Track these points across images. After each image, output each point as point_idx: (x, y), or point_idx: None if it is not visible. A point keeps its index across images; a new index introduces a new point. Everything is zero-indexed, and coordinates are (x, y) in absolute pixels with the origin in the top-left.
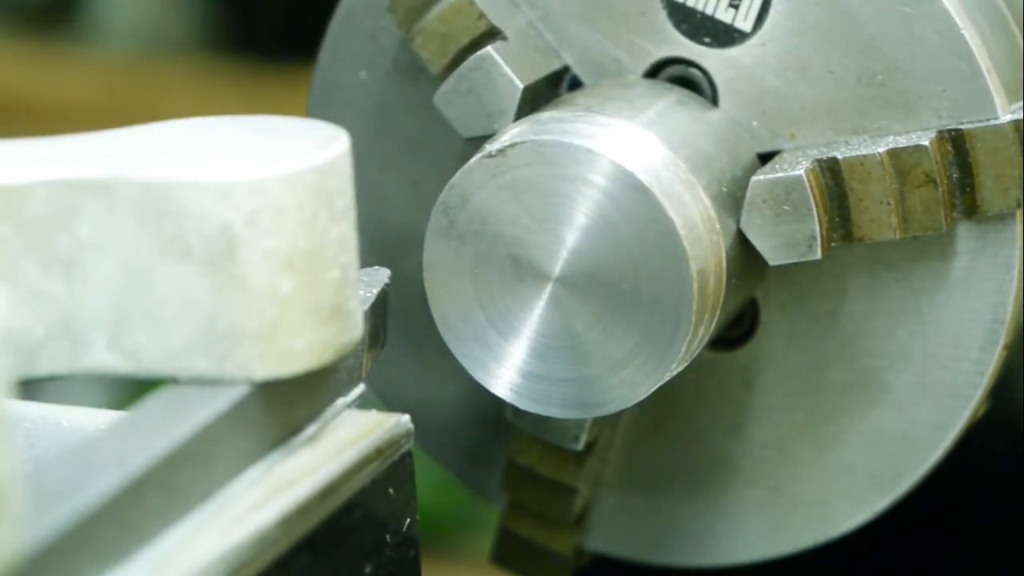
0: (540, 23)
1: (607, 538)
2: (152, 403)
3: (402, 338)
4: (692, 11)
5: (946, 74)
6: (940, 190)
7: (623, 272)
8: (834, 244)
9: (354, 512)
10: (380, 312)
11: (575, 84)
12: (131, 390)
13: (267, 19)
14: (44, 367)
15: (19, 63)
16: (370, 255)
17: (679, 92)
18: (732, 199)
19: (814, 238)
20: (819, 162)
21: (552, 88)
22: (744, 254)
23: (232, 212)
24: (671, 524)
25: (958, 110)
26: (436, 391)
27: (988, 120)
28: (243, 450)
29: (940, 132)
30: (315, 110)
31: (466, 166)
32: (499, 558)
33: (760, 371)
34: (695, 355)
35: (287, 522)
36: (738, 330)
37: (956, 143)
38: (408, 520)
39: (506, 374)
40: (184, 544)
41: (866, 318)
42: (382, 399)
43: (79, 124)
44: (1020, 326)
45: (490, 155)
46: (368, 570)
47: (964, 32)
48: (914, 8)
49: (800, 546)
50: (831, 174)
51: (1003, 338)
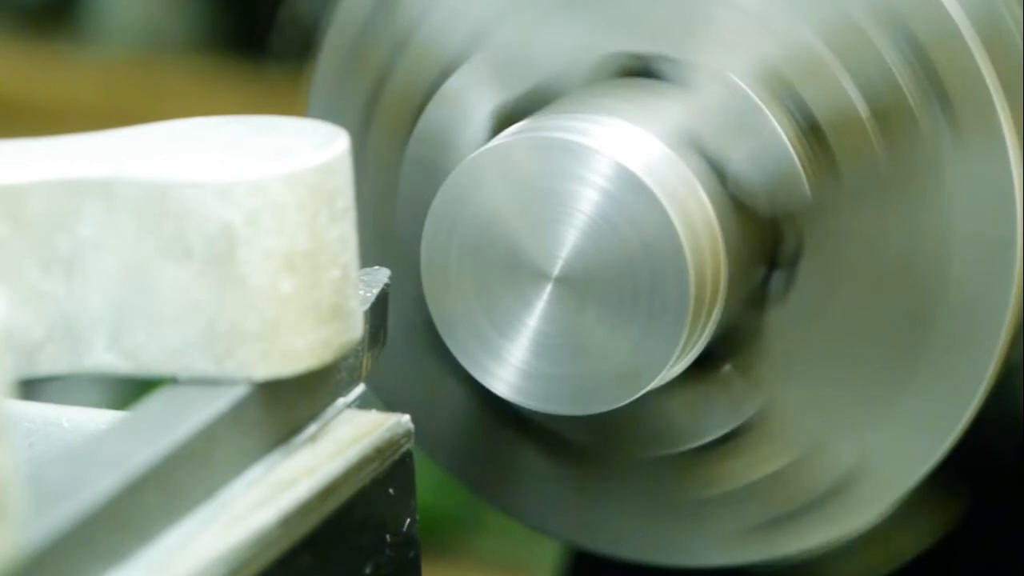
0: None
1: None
2: (152, 403)
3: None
4: None
5: None
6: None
7: (622, 271)
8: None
9: (354, 512)
10: (380, 312)
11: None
12: (131, 390)
13: (267, 19)
14: (44, 367)
15: (19, 63)
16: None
17: (668, 87)
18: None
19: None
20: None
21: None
22: (744, 241)
23: (232, 212)
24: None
25: None
26: (436, 391)
27: None
28: (243, 450)
29: None
30: (315, 110)
31: (465, 165)
32: None
33: None
34: (695, 351)
35: (287, 522)
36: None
37: None
38: (408, 520)
39: (506, 373)
40: (184, 544)
41: None
42: (382, 399)
43: (79, 124)
44: (1020, 326)
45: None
46: (368, 570)
47: None
48: None
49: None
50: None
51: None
